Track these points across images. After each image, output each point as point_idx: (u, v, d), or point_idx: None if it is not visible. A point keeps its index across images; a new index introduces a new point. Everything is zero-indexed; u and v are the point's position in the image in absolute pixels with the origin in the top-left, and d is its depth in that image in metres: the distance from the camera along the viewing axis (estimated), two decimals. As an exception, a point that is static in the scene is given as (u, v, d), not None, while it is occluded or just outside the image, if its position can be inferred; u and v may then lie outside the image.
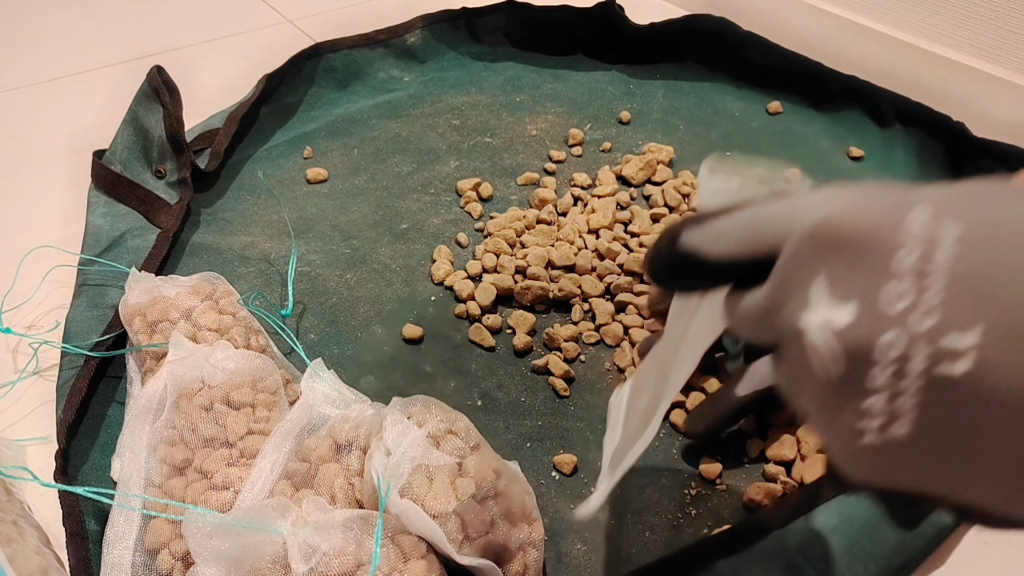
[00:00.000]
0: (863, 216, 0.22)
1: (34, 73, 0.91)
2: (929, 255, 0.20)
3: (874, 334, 0.21)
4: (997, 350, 0.19)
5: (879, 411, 0.22)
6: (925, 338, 0.20)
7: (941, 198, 0.21)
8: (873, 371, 0.21)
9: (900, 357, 0.21)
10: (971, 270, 0.20)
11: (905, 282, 0.21)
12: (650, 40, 0.89)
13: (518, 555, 0.39)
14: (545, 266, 0.60)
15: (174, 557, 0.39)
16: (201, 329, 0.50)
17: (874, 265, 0.21)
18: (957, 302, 0.20)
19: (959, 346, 0.20)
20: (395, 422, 0.41)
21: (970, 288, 0.20)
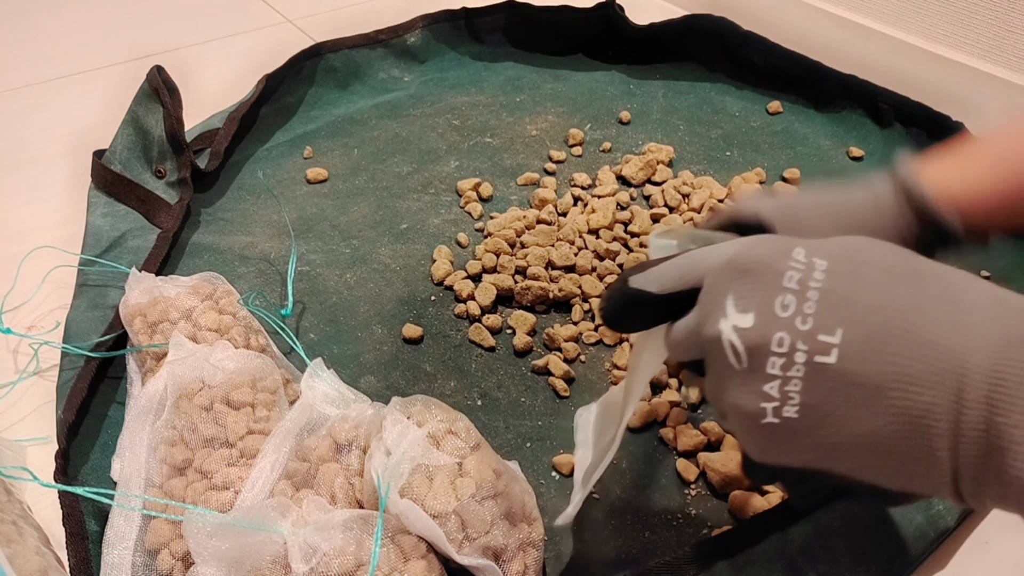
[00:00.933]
0: (762, 250, 0.30)
1: (34, 73, 0.91)
2: (807, 277, 0.28)
3: (769, 332, 0.28)
4: (853, 346, 0.27)
5: (775, 395, 0.28)
6: (804, 336, 0.28)
7: (814, 243, 0.30)
8: (770, 360, 0.28)
9: (788, 351, 0.28)
10: (835, 290, 0.28)
11: (790, 295, 0.28)
12: (650, 40, 0.89)
13: (518, 555, 0.39)
14: (545, 266, 0.60)
15: (174, 557, 0.39)
16: (201, 329, 0.50)
17: (769, 284, 0.29)
18: (826, 311, 0.28)
19: (829, 342, 0.27)
20: (395, 422, 0.41)
21: (835, 301, 0.28)
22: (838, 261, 0.28)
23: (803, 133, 0.79)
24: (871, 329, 0.27)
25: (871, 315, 0.27)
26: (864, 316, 0.27)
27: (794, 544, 0.41)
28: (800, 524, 0.42)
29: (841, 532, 0.41)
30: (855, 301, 0.27)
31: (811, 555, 0.40)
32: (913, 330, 0.26)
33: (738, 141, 0.78)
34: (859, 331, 0.27)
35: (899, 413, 0.26)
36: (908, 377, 0.26)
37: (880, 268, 0.28)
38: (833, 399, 0.27)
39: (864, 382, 0.27)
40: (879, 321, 0.27)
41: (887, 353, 0.26)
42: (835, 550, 0.41)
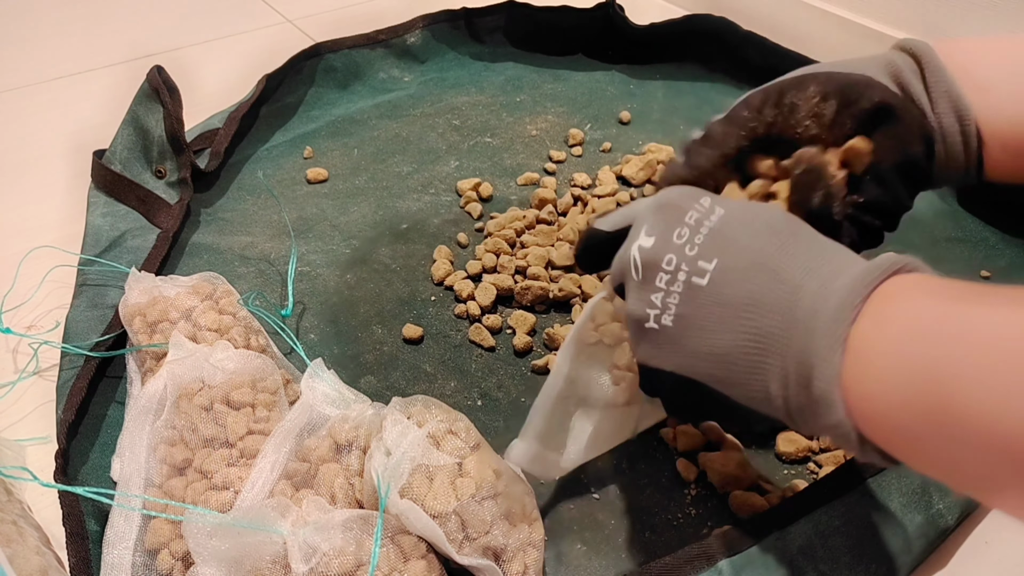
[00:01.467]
0: (677, 194, 0.37)
1: (34, 73, 0.91)
2: (703, 219, 0.35)
3: (662, 253, 0.35)
4: (723, 272, 0.33)
5: (658, 305, 0.34)
6: (688, 260, 0.34)
7: (719, 197, 0.36)
8: (659, 275, 0.35)
9: (673, 269, 0.34)
10: (721, 231, 0.34)
11: (686, 229, 0.35)
12: (650, 40, 0.89)
13: (518, 555, 0.39)
14: (545, 266, 0.60)
15: (174, 557, 0.39)
16: (201, 329, 0.50)
17: (673, 217, 0.35)
18: (710, 244, 0.34)
19: (705, 267, 0.33)
20: (395, 422, 0.41)
21: (719, 239, 0.34)
22: (733, 212, 0.35)
23: (803, 133, 0.79)
24: (740, 262, 0.32)
25: (743, 253, 0.33)
26: (738, 252, 0.33)
27: (794, 544, 0.41)
28: (800, 523, 0.42)
29: (841, 532, 0.41)
30: (735, 240, 0.33)
31: (811, 554, 0.40)
32: (773, 268, 0.32)
33: (738, 141, 0.78)
34: (730, 262, 0.33)
35: (747, 331, 0.31)
36: (759, 302, 0.31)
37: (765, 224, 0.33)
38: (701, 314, 0.33)
39: (726, 302, 0.32)
40: (748, 258, 0.32)
41: (747, 282, 0.32)
42: (835, 549, 0.41)
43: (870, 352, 0.28)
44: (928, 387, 0.26)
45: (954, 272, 0.61)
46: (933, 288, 0.28)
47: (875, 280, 0.29)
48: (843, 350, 0.28)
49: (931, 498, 0.43)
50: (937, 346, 0.26)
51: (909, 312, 0.28)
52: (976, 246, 0.64)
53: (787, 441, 0.48)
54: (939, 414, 0.26)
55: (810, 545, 0.41)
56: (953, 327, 0.26)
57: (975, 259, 0.63)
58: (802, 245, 0.32)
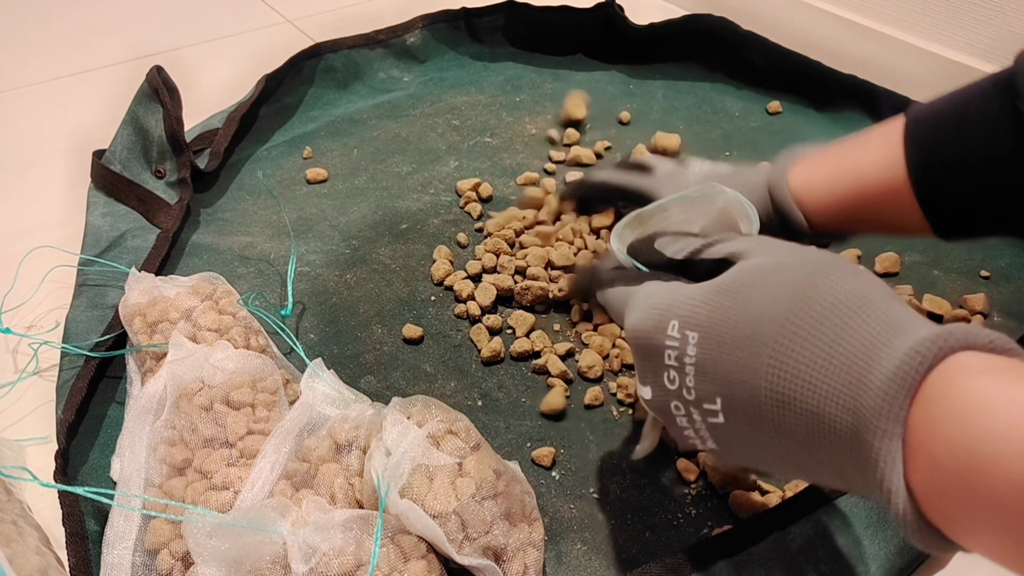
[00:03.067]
0: (643, 329, 0.34)
1: (34, 73, 0.91)
2: (683, 355, 0.32)
3: (666, 402, 0.34)
4: (733, 410, 0.31)
5: (694, 436, 0.34)
6: (693, 404, 0.33)
7: (686, 311, 0.33)
8: (676, 418, 0.34)
9: (685, 413, 0.33)
10: (706, 364, 0.32)
11: (672, 371, 0.33)
12: (650, 40, 0.89)
13: (518, 555, 0.39)
14: (545, 266, 0.60)
15: (174, 557, 0.39)
16: (201, 329, 0.50)
17: (654, 364, 0.34)
18: (704, 386, 0.32)
19: (713, 408, 0.32)
20: (395, 422, 0.41)
21: (709, 377, 0.32)
22: (705, 331, 0.32)
23: (803, 133, 0.79)
24: (743, 397, 0.30)
25: (741, 386, 0.30)
26: (735, 386, 0.31)
27: (794, 544, 0.41)
28: (800, 524, 0.42)
29: (841, 532, 0.41)
30: (725, 373, 0.31)
31: (811, 555, 0.40)
32: (780, 398, 0.29)
33: (738, 141, 0.78)
34: (734, 400, 0.31)
35: (786, 456, 0.30)
36: (784, 431, 0.29)
37: (744, 335, 0.30)
38: (736, 442, 0.32)
39: (751, 435, 0.31)
40: (748, 390, 0.30)
41: (762, 417, 0.30)
42: (835, 550, 0.41)
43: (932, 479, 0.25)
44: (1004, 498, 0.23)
45: (953, 271, 0.61)
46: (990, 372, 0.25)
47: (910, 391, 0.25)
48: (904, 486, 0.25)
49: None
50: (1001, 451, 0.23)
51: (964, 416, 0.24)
52: (975, 246, 0.64)
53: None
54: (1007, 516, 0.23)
55: (810, 545, 0.41)
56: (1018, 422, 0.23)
57: (975, 259, 0.63)
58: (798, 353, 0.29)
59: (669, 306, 0.34)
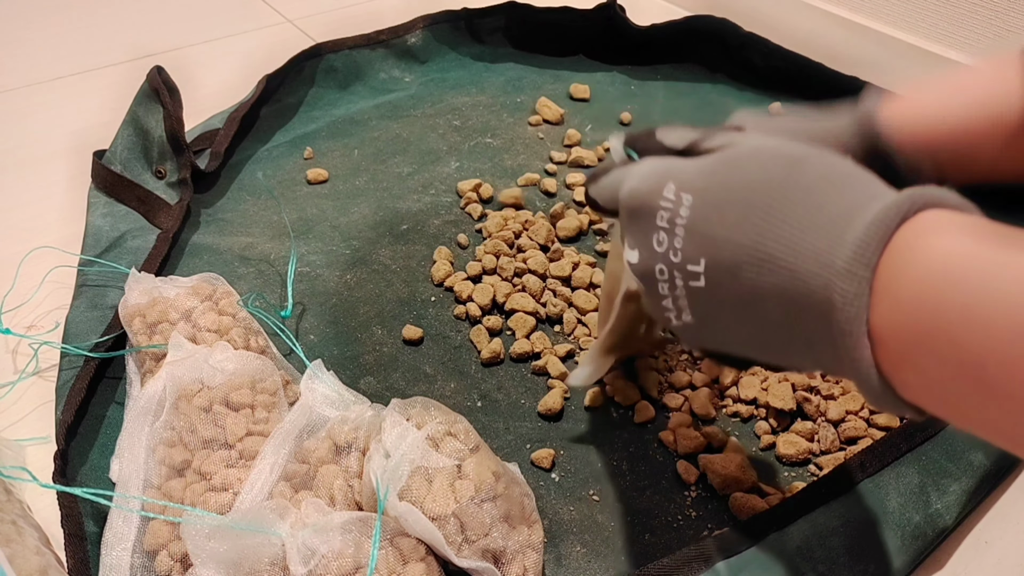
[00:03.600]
0: (639, 191, 0.35)
1: (34, 73, 0.91)
2: (675, 216, 0.33)
3: (651, 265, 0.34)
4: (715, 271, 0.32)
5: (671, 307, 0.35)
6: (677, 267, 0.33)
7: (683, 176, 0.33)
8: (658, 284, 0.34)
9: (668, 278, 0.34)
10: (696, 226, 0.32)
11: (662, 233, 0.33)
12: (651, 41, 0.88)
13: (517, 557, 0.39)
14: (543, 274, 0.59)
15: (173, 559, 0.39)
16: (201, 330, 0.50)
17: (646, 224, 0.34)
18: (691, 246, 0.32)
19: (696, 270, 0.32)
20: (394, 424, 0.41)
21: (697, 237, 0.32)
22: (700, 193, 0.32)
23: (804, 134, 0.79)
24: (727, 256, 0.31)
25: (727, 245, 0.31)
26: (721, 246, 0.31)
27: (792, 544, 0.41)
28: (798, 524, 0.42)
29: (839, 532, 0.41)
30: (713, 234, 0.31)
31: (809, 555, 0.40)
32: (762, 254, 0.30)
33: (739, 142, 0.78)
34: (718, 259, 0.31)
35: (761, 323, 0.31)
36: (762, 295, 0.30)
37: (737, 199, 0.31)
38: (713, 311, 0.33)
39: (730, 299, 0.32)
40: (732, 249, 0.31)
41: (742, 277, 0.31)
42: (833, 550, 0.41)
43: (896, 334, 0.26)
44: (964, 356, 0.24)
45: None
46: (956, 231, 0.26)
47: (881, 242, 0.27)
48: (866, 331, 0.27)
49: (929, 498, 0.43)
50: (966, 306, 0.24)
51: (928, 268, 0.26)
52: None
53: (788, 443, 0.48)
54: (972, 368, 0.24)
55: (808, 546, 0.41)
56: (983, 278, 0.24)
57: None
58: (787, 212, 0.30)
59: (667, 171, 0.34)
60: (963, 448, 0.45)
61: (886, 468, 0.44)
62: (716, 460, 0.47)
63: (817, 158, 0.31)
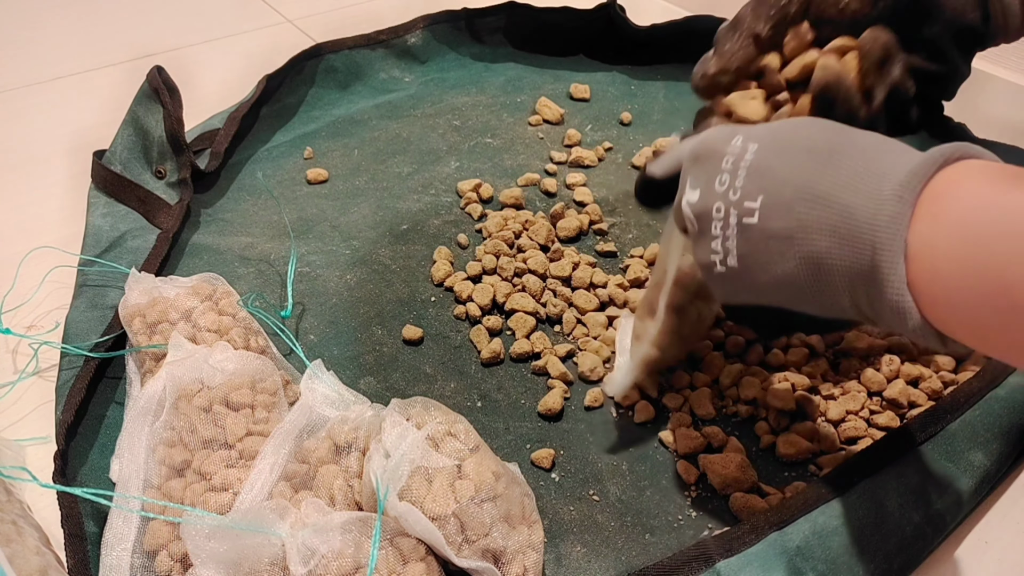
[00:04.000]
0: (710, 141, 0.38)
1: (34, 73, 0.91)
2: (739, 160, 0.35)
3: (710, 203, 0.36)
4: (770, 207, 0.34)
5: (719, 250, 0.36)
6: (734, 204, 0.35)
7: (751, 130, 0.36)
8: (712, 223, 0.36)
9: (723, 215, 0.35)
10: (759, 167, 0.35)
11: (726, 174, 0.36)
12: (651, 41, 0.88)
13: (517, 557, 0.39)
14: (543, 274, 0.59)
15: (173, 559, 0.39)
16: (201, 330, 0.50)
17: (711, 166, 0.37)
18: (750, 183, 0.35)
19: (752, 207, 0.34)
20: (394, 424, 0.41)
21: (758, 177, 0.34)
22: (766, 142, 0.35)
23: (804, 134, 0.79)
24: (784, 194, 0.33)
25: (785, 185, 0.33)
26: (779, 185, 0.33)
27: (792, 544, 0.41)
28: (798, 524, 0.41)
29: (839, 532, 0.41)
30: (773, 174, 0.34)
31: (809, 555, 0.40)
32: (816, 193, 0.32)
33: (739, 142, 0.78)
34: (774, 196, 0.33)
35: (805, 256, 0.33)
36: (809, 228, 0.32)
37: (800, 147, 0.34)
38: (759, 249, 0.34)
39: (778, 235, 0.33)
40: (791, 187, 0.33)
41: (794, 211, 0.33)
42: (833, 550, 0.40)
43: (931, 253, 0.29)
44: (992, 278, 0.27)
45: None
46: (989, 174, 0.29)
47: (923, 178, 0.30)
48: (904, 257, 0.29)
49: (929, 498, 0.43)
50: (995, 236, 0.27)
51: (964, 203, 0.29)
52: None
53: (788, 443, 0.48)
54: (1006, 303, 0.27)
55: (808, 545, 0.41)
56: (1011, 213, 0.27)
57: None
58: (843, 161, 0.32)
59: (735, 127, 0.37)
60: (963, 448, 0.45)
61: (886, 468, 0.44)
62: (716, 460, 0.47)
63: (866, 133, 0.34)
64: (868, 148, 0.33)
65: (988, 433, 0.45)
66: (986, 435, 0.45)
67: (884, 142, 0.33)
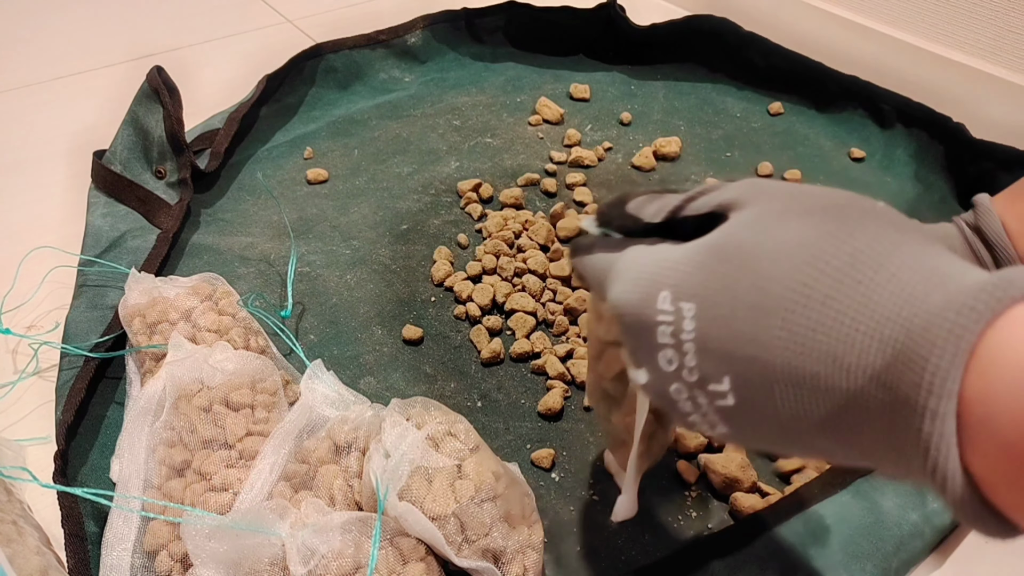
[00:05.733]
0: (630, 303, 0.30)
1: (34, 73, 0.91)
2: (679, 328, 0.28)
3: (664, 386, 0.29)
4: (743, 390, 0.27)
5: (701, 421, 0.29)
6: (697, 386, 0.28)
7: (677, 279, 0.28)
8: (679, 403, 0.29)
9: (688, 397, 0.29)
10: (707, 339, 0.27)
11: (669, 350, 0.28)
12: (651, 41, 0.88)
13: (517, 557, 0.39)
14: (543, 274, 0.59)
15: (173, 559, 0.39)
16: (200, 330, 0.50)
17: (647, 342, 0.29)
18: (706, 362, 0.27)
19: (721, 389, 0.27)
20: (394, 424, 0.41)
21: (712, 352, 0.27)
22: (704, 302, 0.27)
23: (804, 134, 0.79)
24: (755, 375, 0.26)
25: (751, 362, 0.26)
26: (745, 364, 0.26)
27: (790, 543, 0.41)
28: (794, 523, 0.42)
29: (836, 531, 0.41)
30: (730, 350, 0.26)
31: (806, 554, 0.40)
32: (799, 375, 0.25)
33: (739, 142, 0.78)
34: (744, 378, 0.26)
35: (805, 446, 0.27)
36: (801, 418, 0.25)
37: (748, 307, 0.26)
38: (750, 426, 0.28)
39: (767, 418, 0.26)
40: (760, 368, 0.26)
41: (777, 398, 0.26)
42: (830, 549, 0.41)
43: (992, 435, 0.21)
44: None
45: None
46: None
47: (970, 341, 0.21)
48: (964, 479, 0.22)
49: (926, 497, 0.43)
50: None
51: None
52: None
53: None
54: None
55: (804, 544, 0.41)
56: None
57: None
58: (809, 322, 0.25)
59: (656, 275, 0.29)
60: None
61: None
62: (716, 460, 0.47)
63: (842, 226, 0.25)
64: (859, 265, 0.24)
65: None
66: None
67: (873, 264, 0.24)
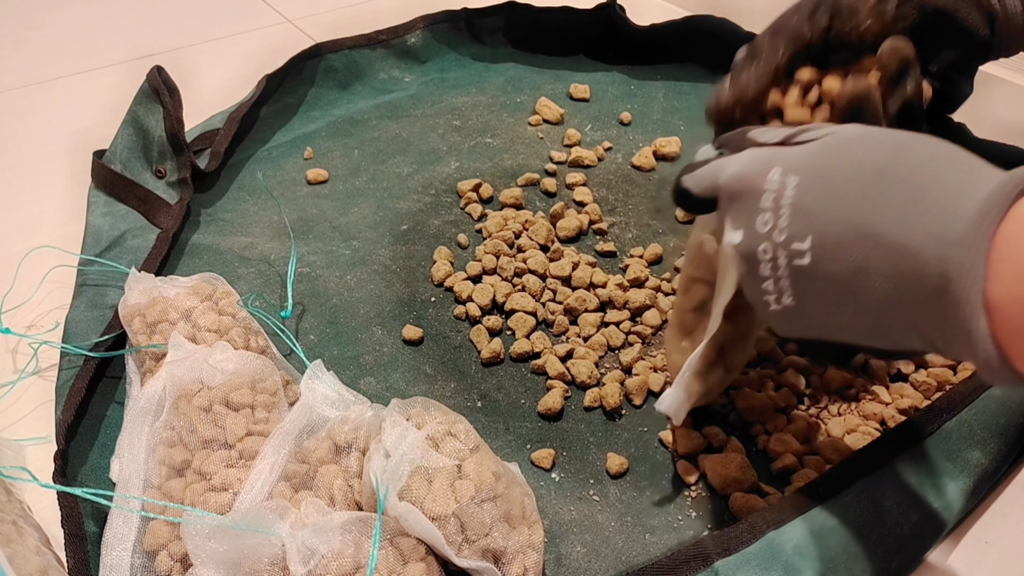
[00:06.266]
0: (745, 177, 0.35)
1: (34, 73, 0.91)
2: (780, 197, 0.33)
3: (754, 245, 0.35)
4: (821, 249, 0.32)
5: (772, 290, 0.35)
6: (782, 246, 0.33)
7: (789, 159, 0.34)
8: (760, 265, 0.35)
9: (772, 257, 0.34)
10: (802, 205, 0.33)
11: (768, 213, 0.34)
12: (651, 41, 0.88)
13: (518, 557, 0.39)
14: (543, 273, 0.59)
15: (173, 559, 0.39)
16: (200, 330, 0.50)
17: (750, 205, 0.35)
18: (796, 223, 0.33)
19: (801, 248, 0.32)
20: (394, 424, 0.41)
21: (803, 215, 0.32)
22: (806, 174, 0.33)
23: (804, 134, 0.79)
24: (833, 234, 0.31)
25: (833, 222, 0.31)
26: (827, 223, 0.31)
27: (789, 543, 0.41)
28: (795, 523, 0.41)
29: (837, 531, 0.41)
30: (819, 211, 0.32)
31: (806, 554, 0.40)
32: (869, 229, 0.30)
33: (738, 142, 0.78)
34: (824, 236, 0.32)
35: (865, 303, 0.31)
36: (867, 271, 0.30)
37: (844, 177, 0.32)
38: (815, 291, 0.33)
39: (835, 277, 0.32)
40: (839, 225, 0.31)
41: (848, 253, 0.31)
42: (831, 549, 0.40)
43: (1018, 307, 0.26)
44: None
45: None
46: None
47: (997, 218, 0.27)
48: (982, 301, 0.27)
49: (927, 497, 0.43)
50: None
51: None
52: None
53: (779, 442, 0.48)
54: None
55: (806, 545, 0.41)
56: None
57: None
58: (893, 187, 0.30)
59: (771, 157, 0.35)
60: (961, 447, 0.45)
61: (884, 467, 0.44)
62: (716, 460, 0.47)
63: (921, 141, 0.31)
64: (921, 165, 0.30)
65: (985, 432, 0.45)
66: (983, 434, 0.45)
67: (936, 156, 0.31)
